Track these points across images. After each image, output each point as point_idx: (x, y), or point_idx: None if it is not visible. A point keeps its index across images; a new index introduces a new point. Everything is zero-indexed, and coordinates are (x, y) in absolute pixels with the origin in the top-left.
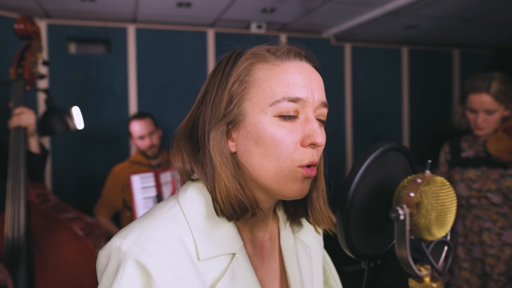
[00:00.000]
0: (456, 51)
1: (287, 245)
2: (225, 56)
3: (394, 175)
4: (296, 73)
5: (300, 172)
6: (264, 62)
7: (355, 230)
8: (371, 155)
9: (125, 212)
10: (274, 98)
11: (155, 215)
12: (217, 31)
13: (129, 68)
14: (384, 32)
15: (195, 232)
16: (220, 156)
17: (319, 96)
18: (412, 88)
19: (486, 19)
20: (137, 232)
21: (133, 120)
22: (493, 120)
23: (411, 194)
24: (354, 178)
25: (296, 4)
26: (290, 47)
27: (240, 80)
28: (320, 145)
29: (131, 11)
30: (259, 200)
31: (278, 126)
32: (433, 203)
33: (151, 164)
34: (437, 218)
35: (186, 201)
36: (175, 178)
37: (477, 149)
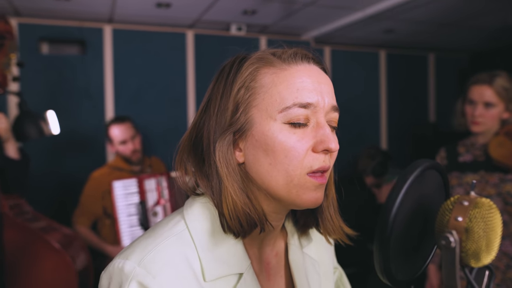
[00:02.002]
0: (431, 55)
1: (296, 261)
2: (228, 62)
3: (430, 195)
4: (305, 76)
5: (310, 181)
6: (270, 67)
7: (393, 257)
8: (411, 175)
9: (104, 220)
10: (283, 104)
11: (159, 232)
12: (196, 32)
13: (106, 69)
14: (363, 35)
15: (201, 251)
16: (226, 168)
17: (329, 100)
18: (390, 91)
19: (462, 24)
20: (140, 252)
21: (113, 124)
22: (490, 116)
23: (459, 218)
24: (395, 201)
25: (277, 6)
26: (296, 49)
27: (245, 86)
28: (334, 150)
29: (108, 11)
30: (270, 212)
31: (288, 133)
32: (484, 227)
33: (132, 170)
34: (487, 243)
35: (192, 217)
36: (160, 186)
37: (475, 154)
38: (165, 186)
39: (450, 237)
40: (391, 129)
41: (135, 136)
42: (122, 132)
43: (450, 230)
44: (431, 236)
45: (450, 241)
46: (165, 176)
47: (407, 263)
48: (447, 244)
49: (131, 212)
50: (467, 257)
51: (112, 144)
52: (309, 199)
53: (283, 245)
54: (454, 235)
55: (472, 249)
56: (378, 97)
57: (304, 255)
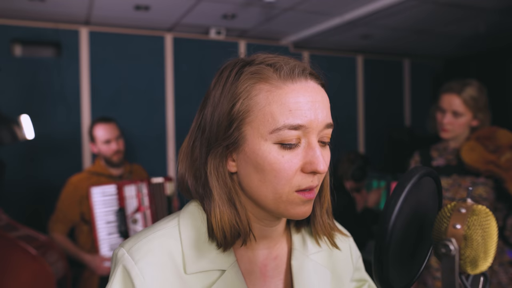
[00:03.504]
0: (406, 61)
1: (298, 266)
2: (228, 66)
3: (425, 201)
4: (300, 96)
5: (298, 197)
6: (265, 83)
7: (391, 265)
8: (409, 183)
9: (81, 227)
10: (274, 125)
11: (155, 226)
12: (175, 36)
13: (82, 73)
14: (341, 41)
15: (185, 246)
16: (217, 179)
17: (323, 119)
18: (366, 95)
19: (436, 31)
20: (133, 241)
21: (98, 123)
22: (458, 124)
23: (457, 226)
24: (394, 209)
25: (257, 11)
26: (294, 64)
27: (240, 102)
28: (322, 172)
29: (84, 12)
30: (260, 218)
31: (278, 154)
32: (483, 234)
33: (112, 175)
34: (485, 250)
35: (185, 215)
36: (141, 192)
37: (447, 158)
38: (145, 193)
39: (450, 245)
40: (368, 133)
41: (120, 137)
42: (107, 131)
43: (449, 238)
44: (426, 243)
45: (450, 249)
46: (146, 182)
47: (403, 270)
48: (447, 252)
49: (109, 219)
50: (465, 264)
51: (95, 143)
52: (296, 213)
53: (286, 249)
54: (454, 243)
55: (471, 256)
56: (355, 101)
57: (309, 261)
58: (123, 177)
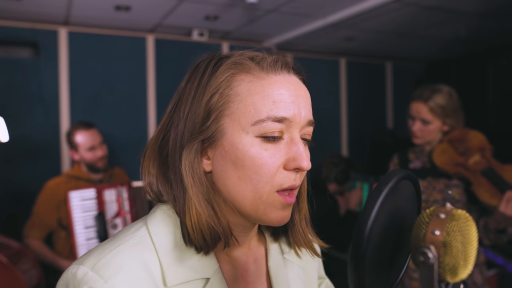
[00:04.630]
0: (389, 64)
1: (275, 267)
2: (203, 60)
3: (403, 206)
4: (283, 88)
5: (279, 200)
6: (247, 74)
7: (368, 273)
8: (386, 187)
9: (59, 232)
10: (257, 117)
11: (119, 237)
12: (157, 37)
13: (60, 74)
14: (324, 43)
15: (162, 255)
16: (192, 177)
17: (306, 114)
18: (350, 97)
19: (418, 34)
20: (95, 257)
21: (80, 130)
22: (428, 131)
23: (436, 232)
24: (370, 215)
25: (240, 12)
26: (277, 57)
27: (219, 93)
28: (306, 169)
29: (63, 12)
30: (237, 224)
31: (260, 148)
32: (462, 241)
33: (91, 179)
34: (465, 257)
35: (154, 222)
36: (121, 197)
37: (423, 160)
38: (125, 197)
39: (428, 253)
40: (351, 135)
41: (103, 142)
42: (90, 138)
43: (427, 245)
44: (405, 249)
45: (429, 257)
46: (126, 186)
47: (380, 278)
48: (425, 260)
49: (88, 224)
50: (444, 272)
51: (76, 151)
52: (275, 217)
53: (263, 251)
54: (432, 250)
55: (451, 264)
56: (338, 104)
57: (286, 261)
58: (103, 181)
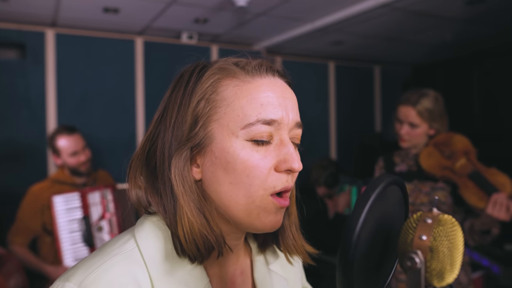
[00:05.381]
0: (377, 68)
1: (262, 279)
2: (188, 69)
3: (391, 211)
4: (270, 91)
5: (272, 203)
6: (233, 78)
7: (356, 279)
8: (374, 192)
9: (44, 238)
10: (246, 121)
11: (106, 251)
12: (146, 40)
13: (47, 76)
14: (313, 47)
15: (152, 270)
16: (183, 185)
17: (294, 116)
18: (338, 101)
19: (405, 39)
20: (83, 273)
21: (62, 135)
22: (415, 134)
23: (423, 237)
24: (358, 222)
25: (229, 15)
26: (261, 61)
27: (206, 98)
28: (297, 170)
29: (50, 14)
30: (228, 232)
31: (251, 150)
32: (449, 245)
33: (75, 182)
34: (451, 262)
35: (143, 235)
36: (105, 199)
37: (409, 163)
38: (110, 199)
39: (415, 258)
40: (340, 138)
41: (86, 147)
42: (73, 142)
43: (414, 250)
44: (392, 254)
45: (416, 261)
46: (110, 188)
47: (369, 283)
48: (412, 265)
49: (73, 228)
50: (431, 277)
51: (59, 156)
52: (269, 222)
53: (249, 262)
54: (419, 255)
55: (437, 269)
56: (327, 107)
57: (271, 272)
58: (87, 184)
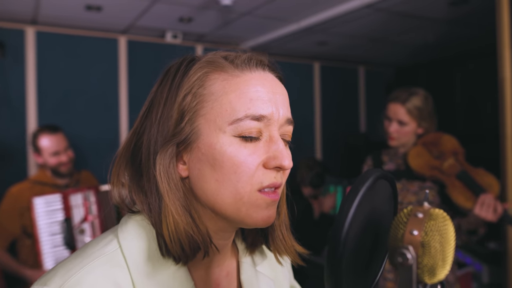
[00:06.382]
0: (361, 68)
1: (248, 281)
2: (175, 63)
3: (380, 207)
4: (259, 85)
5: (261, 198)
6: (221, 72)
7: (345, 277)
8: (363, 186)
9: (23, 241)
10: (234, 116)
11: (87, 253)
12: (129, 38)
13: (28, 75)
14: (298, 47)
15: (135, 274)
16: (168, 183)
17: (284, 112)
18: (324, 102)
19: (389, 40)
20: (62, 276)
21: (44, 134)
22: (404, 133)
23: (414, 232)
24: (347, 216)
25: (214, 14)
26: (251, 54)
27: (193, 92)
28: (287, 168)
29: (30, 11)
30: (217, 230)
31: (239, 146)
32: (440, 240)
33: (57, 184)
34: (443, 257)
35: (126, 235)
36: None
37: (397, 162)
38: (93, 201)
39: (407, 254)
40: (325, 138)
41: (68, 147)
42: (55, 142)
43: (406, 246)
44: (381, 251)
45: (407, 257)
46: (93, 190)
47: (358, 281)
48: (404, 261)
49: (54, 230)
50: (423, 273)
51: (40, 155)
52: (260, 217)
53: (235, 263)
54: (411, 250)
55: (429, 264)
56: (312, 108)
57: (258, 274)
58: (69, 186)
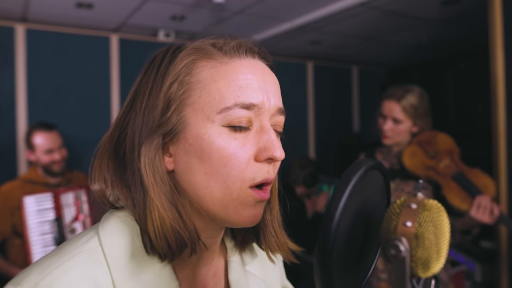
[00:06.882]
0: (354, 68)
1: (237, 281)
2: (161, 51)
3: (372, 198)
4: (249, 73)
5: (252, 195)
6: (209, 59)
7: (336, 270)
8: (354, 176)
9: (13, 240)
10: (223, 104)
11: (66, 250)
12: (121, 37)
13: (17, 73)
14: (292, 46)
15: (115, 273)
16: (153, 176)
17: (275, 101)
18: (317, 101)
19: (384, 39)
20: (37, 275)
21: (39, 131)
22: (399, 131)
23: (407, 223)
24: (338, 206)
25: (206, 13)
26: (240, 41)
27: (179, 80)
28: (279, 159)
29: (20, 8)
30: (204, 228)
31: (228, 137)
32: (435, 231)
33: (48, 183)
34: (437, 249)
35: (107, 232)
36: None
37: (391, 161)
38: (84, 200)
39: (400, 246)
40: (319, 138)
41: (62, 146)
42: (49, 140)
43: (399, 237)
44: (373, 244)
45: (400, 249)
46: (85, 189)
47: (349, 276)
48: (396, 253)
49: (45, 230)
50: (417, 266)
51: (33, 152)
52: (247, 216)
53: (223, 263)
54: (404, 242)
55: (423, 257)
56: (306, 107)
57: (247, 273)
58: (60, 185)
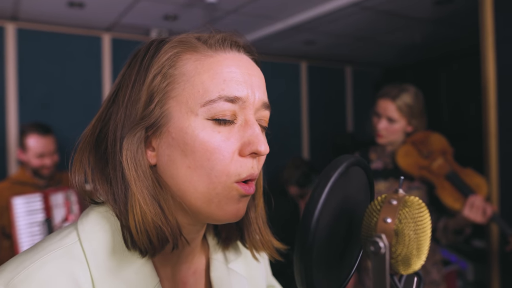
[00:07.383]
0: (348, 68)
1: (219, 279)
2: (144, 45)
3: (354, 195)
4: (234, 66)
5: (236, 189)
6: (194, 52)
7: (316, 268)
8: (335, 172)
9: (2, 242)
10: (207, 97)
11: (43, 246)
12: (114, 36)
13: (8, 73)
14: (285, 46)
15: (94, 268)
16: (135, 170)
17: (260, 96)
18: (311, 101)
19: (378, 39)
20: (12, 270)
21: (34, 134)
22: (393, 130)
23: (387, 220)
24: (318, 202)
25: (199, 12)
26: (225, 34)
27: (163, 73)
28: (264, 154)
29: (10, 7)
30: (185, 224)
31: (212, 131)
32: (415, 228)
33: (37, 184)
34: (418, 246)
35: (86, 227)
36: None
37: (385, 161)
38: (74, 201)
39: (379, 242)
40: (313, 138)
41: (55, 152)
42: (43, 145)
43: (378, 234)
44: (356, 242)
45: (380, 246)
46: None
47: (331, 273)
48: (376, 250)
49: (34, 231)
50: (397, 263)
51: (24, 152)
52: (230, 210)
53: (204, 261)
54: (384, 239)
55: (403, 254)
56: (299, 107)
57: (230, 271)
58: (50, 186)
